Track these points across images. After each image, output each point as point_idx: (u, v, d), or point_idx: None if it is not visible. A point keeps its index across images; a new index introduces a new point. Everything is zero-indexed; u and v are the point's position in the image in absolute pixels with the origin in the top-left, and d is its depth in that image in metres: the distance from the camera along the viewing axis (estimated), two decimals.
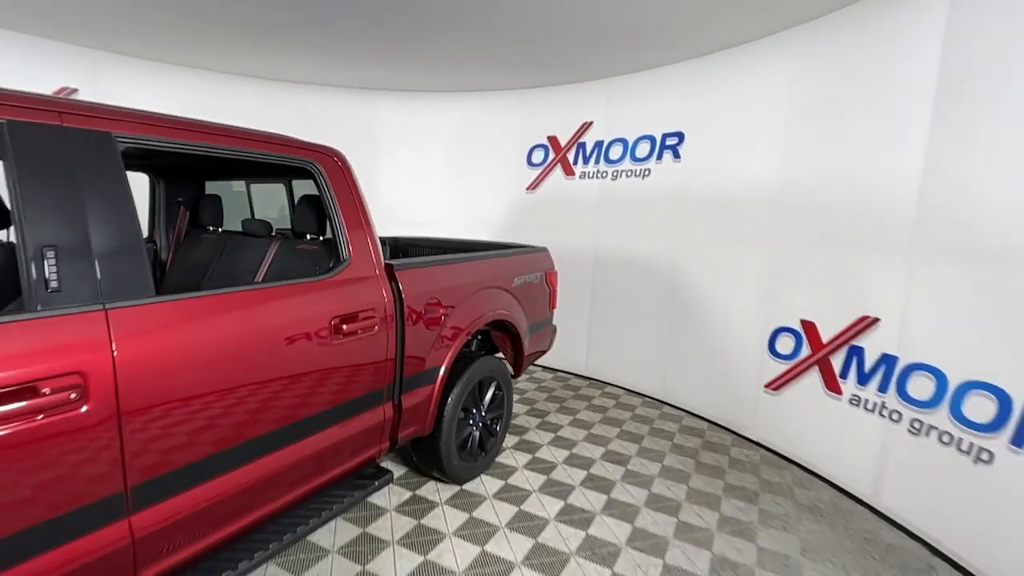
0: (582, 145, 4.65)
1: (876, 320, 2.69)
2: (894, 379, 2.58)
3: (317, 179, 1.96)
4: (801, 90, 3.12)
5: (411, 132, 5.26)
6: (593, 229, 4.58)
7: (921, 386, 2.44)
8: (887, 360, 2.63)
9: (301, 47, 4.01)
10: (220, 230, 2.65)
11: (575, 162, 4.70)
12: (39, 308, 1.14)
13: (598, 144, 4.54)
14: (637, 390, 4.37)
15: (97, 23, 3.64)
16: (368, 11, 3.20)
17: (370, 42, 3.81)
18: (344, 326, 1.81)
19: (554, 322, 3.61)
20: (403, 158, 5.28)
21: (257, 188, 3.34)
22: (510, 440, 3.31)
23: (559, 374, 4.80)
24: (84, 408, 1.16)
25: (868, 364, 2.73)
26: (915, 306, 2.49)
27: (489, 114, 5.07)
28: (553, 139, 4.83)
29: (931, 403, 2.39)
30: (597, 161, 4.54)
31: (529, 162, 4.97)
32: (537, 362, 4.87)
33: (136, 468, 1.28)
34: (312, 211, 2.15)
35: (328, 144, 2.09)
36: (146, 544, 1.32)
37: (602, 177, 4.50)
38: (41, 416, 1.10)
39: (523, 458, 3.10)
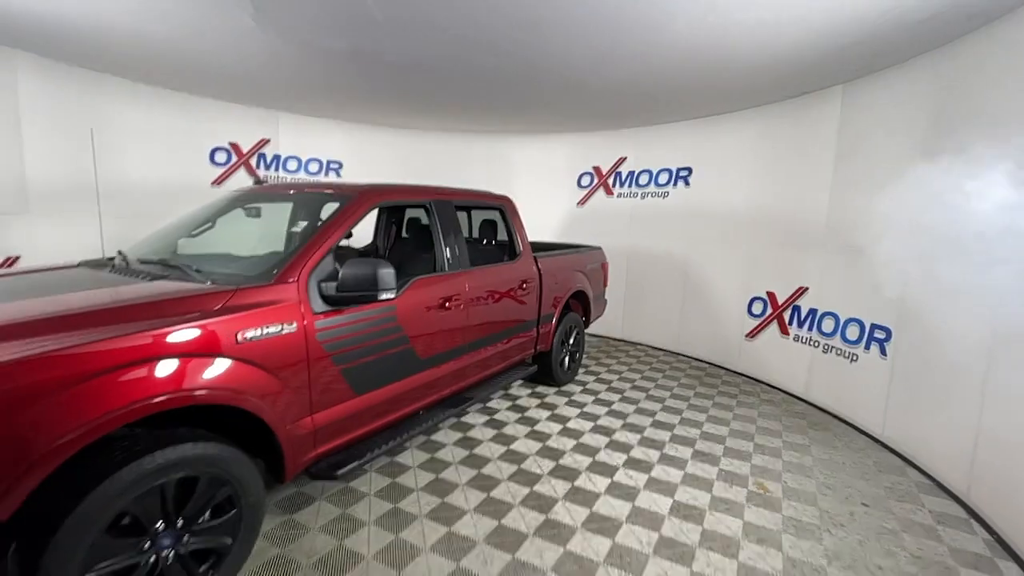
0: (619, 173, 6.51)
1: (807, 288, 4.53)
2: (816, 322, 4.41)
3: (503, 211, 3.86)
4: (761, 147, 4.97)
5: (498, 163, 7.11)
6: (627, 234, 6.43)
7: (828, 324, 4.27)
8: (812, 311, 4.46)
9: (430, 106, 5.86)
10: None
11: (613, 186, 6.56)
12: (447, 271, 3.03)
13: (631, 173, 6.40)
14: (659, 346, 6.24)
15: (282, 93, 5.48)
16: (476, 89, 5.07)
17: (478, 101, 5.69)
18: (523, 285, 3.71)
19: (606, 297, 5.47)
20: (489, 181, 7.15)
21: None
22: (580, 370, 5.18)
23: (602, 338, 6.68)
24: (463, 307, 3.06)
25: (803, 315, 4.57)
26: (825, 278, 4.32)
27: (551, 149, 6.94)
28: (597, 168, 6.69)
29: (832, 333, 4.22)
30: (630, 185, 6.40)
31: (579, 185, 6.84)
32: (586, 330, 6.73)
33: (464, 336, 3.16)
34: (490, 227, 4.06)
35: (500, 192, 3.98)
36: (462, 371, 3.21)
37: (633, 197, 6.36)
38: (451, 308, 2.99)
39: (590, 378, 4.97)
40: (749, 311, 5.18)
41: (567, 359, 4.68)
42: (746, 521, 2.66)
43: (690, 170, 5.81)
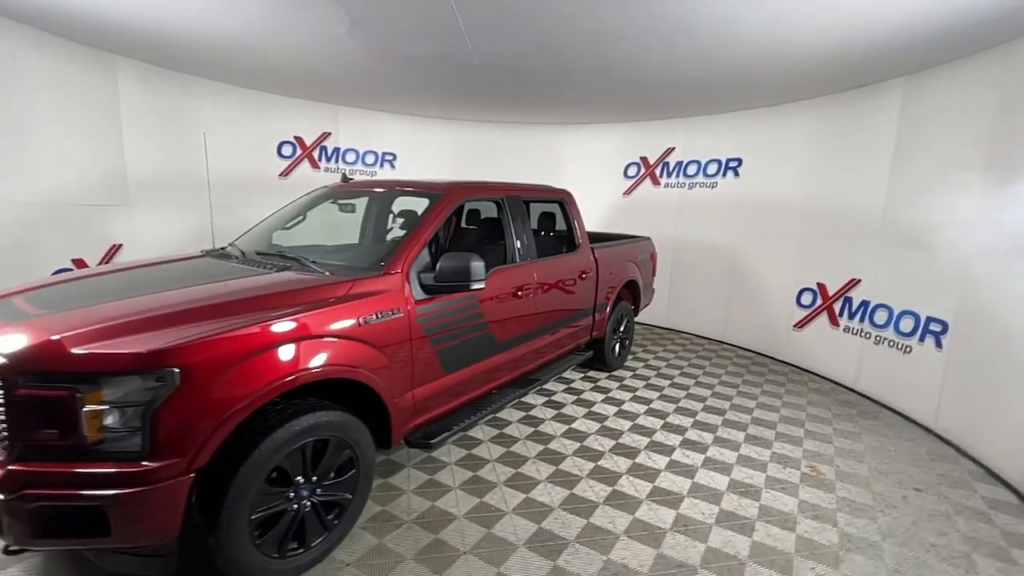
0: (666, 164, 6.58)
1: (859, 280, 4.58)
2: (868, 314, 4.47)
3: (563, 204, 4.06)
4: (816, 137, 4.98)
5: (545, 153, 7.27)
6: (674, 224, 6.53)
7: (881, 316, 4.33)
8: (864, 303, 4.52)
9: (489, 101, 6.08)
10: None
11: (660, 176, 6.65)
12: (517, 262, 3.27)
13: (678, 163, 6.46)
14: (704, 335, 6.36)
15: (347, 90, 5.76)
16: (539, 88, 5.24)
17: (537, 98, 5.86)
18: (582, 275, 3.92)
19: (653, 286, 5.62)
20: (536, 171, 7.34)
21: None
22: (629, 356, 5.38)
23: (646, 326, 6.84)
24: (531, 295, 3.30)
25: (854, 307, 4.62)
26: (879, 270, 4.37)
27: (598, 140, 7.05)
28: (644, 159, 6.78)
29: (885, 325, 4.28)
30: (678, 175, 6.47)
31: (625, 175, 6.95)
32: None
33: (533, 322, 3.40)
34: (549, 219, 4.27)
35: (554, 183, 4.18)
36: (530, 354, 3.46)
37: (681, 187, 6.43)
38: (522, 296, 3.23)
39: (640, 364, 5.17)
40: (798, 302, 5.24)
41: (618, 346, 4.89)
42: (801, 500, 2.84)
43: (740, 160, 5.84)
